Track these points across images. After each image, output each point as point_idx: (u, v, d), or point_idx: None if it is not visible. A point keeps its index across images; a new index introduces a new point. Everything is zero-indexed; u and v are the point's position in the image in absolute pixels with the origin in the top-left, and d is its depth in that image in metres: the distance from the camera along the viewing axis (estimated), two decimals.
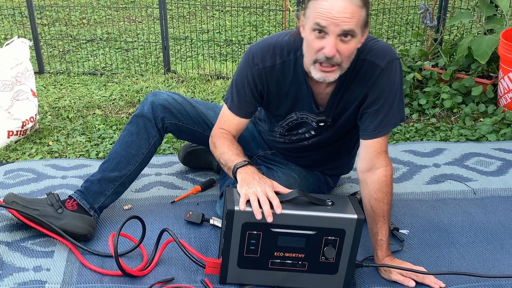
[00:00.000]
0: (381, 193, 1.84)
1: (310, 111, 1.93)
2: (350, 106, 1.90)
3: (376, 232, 1.85)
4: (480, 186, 2.40)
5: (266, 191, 1.68)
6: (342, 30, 1.63)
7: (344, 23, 1.62)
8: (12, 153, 2.81)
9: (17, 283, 1.79)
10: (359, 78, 1.83)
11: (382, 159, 1.86)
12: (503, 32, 3.19)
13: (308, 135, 2.03)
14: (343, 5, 1.60)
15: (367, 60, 1.80)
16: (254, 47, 1.88)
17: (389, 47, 1.84)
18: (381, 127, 1.84)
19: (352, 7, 1.61)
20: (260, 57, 1.86)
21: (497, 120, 3.02)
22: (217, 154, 1.91)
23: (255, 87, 1.90)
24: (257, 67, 1.86)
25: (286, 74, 1.87)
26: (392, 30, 5.03)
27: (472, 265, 1.94)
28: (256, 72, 1.87)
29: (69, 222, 1.96)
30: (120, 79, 3.97)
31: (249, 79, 1.89)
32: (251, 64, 1.87)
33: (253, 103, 1.94)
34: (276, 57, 1.85)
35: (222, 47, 4.71)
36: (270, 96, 1.93)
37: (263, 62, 1.86)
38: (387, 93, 1.82)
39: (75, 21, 5.48)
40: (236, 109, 1.94)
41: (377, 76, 1.80)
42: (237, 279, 1.79)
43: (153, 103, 2.07)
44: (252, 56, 1.87)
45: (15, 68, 2.89)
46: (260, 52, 1.86)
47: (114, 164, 2.06)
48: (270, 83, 1.89)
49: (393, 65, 1.81)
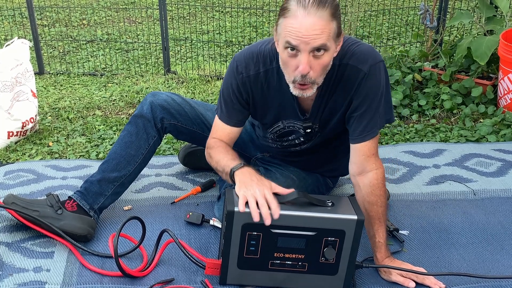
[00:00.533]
0: (374, 196, 1.85)
1: (296, 118, 1.94)
2: (336, 111, 1.90)
3: (373, 235, 1.85)
4: (480, 187, 2.40)
5: (264, 193, 1.67)
6: (313, 47, 1.63)
7: (314, 40, 1.62)
8: (12, 154, 2.81)
9: (17, 284, 1.79)
10: (343, 83, 1.83)
11: (372, 162, 1.86)
12: (503, 33, 3.19)
13: (298, 142, 2.04)
14: (311, 22, 1.60)
15: (350, 64, 1.80)
16: (238, 56, 1.90)
17: (372, 50, 1.83)
18: (367, 131, 1.84)
19: (321, 22, 1.61)
20: (244, 65, 1.87)
21: (497, 121, 3.03)
22: (213, 164, 1.93)
23: (241, 96, 1.91)
24: (241, 76, 1.88)
25: (270, 82, 1.88)
26: (392, 31, 5.03)
27: (472, 266, 1.94)
28: (241, 81, 1.89)
29: (68, 223, 1.96)
30: (120, 79, 3.97)
31: (233, 88, 1.91)
32: (235, 73, 1.89)
33: (241, 111, 1.95)
34: (259, 65, 1.87)
35: (222, 48, 4.71)
36: (255, 104, 1.94)
37: (247, 71, 1.87)
38: (371, 97, 1.82)
39: (75, 22, 5.48)
40: (226, 118, 1.96)
41: (361, 81, 1.80)
42: (237, 280, 1.79)
43: (152, 104, 2.08)
44: (236, 65, 1.89)
45: (15, 69, 2.89)
46: (244, 61, 1.88)
47: (114, 165, 2.06)
48: (254, 92, 1.90)
49: (376, 68, 1.80)
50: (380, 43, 4.49)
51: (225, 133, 1.97)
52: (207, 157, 1.97)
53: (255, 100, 1.93)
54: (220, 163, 1.87)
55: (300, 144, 2.06)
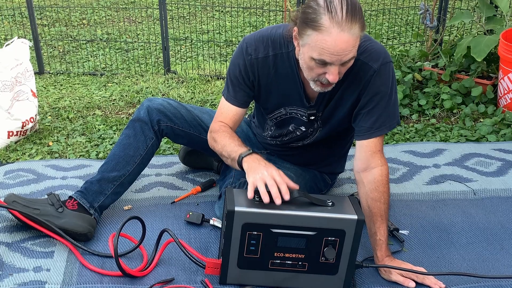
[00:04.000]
0: (377, 192, 1.85)
1: (300, 105, 1.95)
2: (342, 105, 1.91)
3: (375, 232, 1.85)
4: (480, 187, 2.40)
5: (273, 174, 1.68)
6: (344, 61, 1.66)
7: (347, 56, 1.64)
8: (12, 154, 2.81)
9: (17, 284, 1.79)
10: (352, 77, 1.84)
11: (378, 158, 1.87)
12: (503, 33, 3.19)
13: (299, 133, 2.04)
14: (345, 40, 1.61)
15: (361, 60, 1.81)
16: (248, 37, 1.91)
17: (384, 50, 1.85)
18: (375, 128, 1.86)
19: (354, 39, 1.62)
20: (254, 47, 1.89)
21: (497, 121, 3.03)
22: (218, 148, 1.92)
23: (247, 77, 1.93)
24: (250, 57, 1.89)
25: (279, 66, 1.89)
26: (392, 30, 5.03)
27: (472, 266, 1.94)
28: (249, 62, 1.90)
29: (69, 221, 1.97)
30: (120, 79, 3.97)
31: (241, 68, 1.92)
32: (244, 54, 1.90)
33: (247, 92, 1.96)
34: (269, 49, 1.88)
35: (222, 48, 4.71)
36: (260, 87, 1.95)
37: (256, 53, 1.89)
38: (380, 95, 1.84)
39: (75, 22, 5.48)
40: (232, 98, 1.97)
41: (370, 78, 1.82)
42: (237, 279, 1.79)
43: (149, 107, 2.11)
44: (246, 46, 1.90)
45: (15, 69, 2.89)
46: (254, 43, 1.89)
47: (113, 165, 2.08)
48: (261, 74, 1.91)
49: (386, 68, 1.83)
50: (380, 42, 4.49)
51: (230, 114, 1.98)
52: (210, 140, 1.97)
53: (260, 83, 1.94)
54: (226, 148, 1.87)
55: (300, 138, 2.07)
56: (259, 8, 5.42)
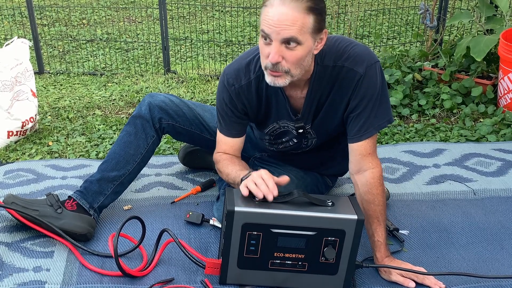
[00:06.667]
0: (370, 194, 1.85)
1: (288, 119, 1.95)
2: (333, 115, 1.91)
3: (372, 234, 1.86)
4: (480, 187, 2.40)
5: (260, 174, 1.72)
6: (283, 38, 1.64)
7: (285, 31, 1.63)
8: (12, 153, 2.81)
9: (17, 284, 1.79)
10: (338, 85, 1.84)
11: (369, 161, 1.87)
12: (503, 33, 3.18)
13: (292, 143, 2.05)
14: (284, 13, 1.61)
15: (346, 67, 1.81)
16: (228, 69, 1.92)
17: (368, 51, 1.84)
18: (363, 131, 1.86)
19: (294, 14, 1.62)
20: (235, 77, 1.89)
21: (497, 121, 3.02)
22: (224, 177, 1.96)
23: (236, 108, 1.93)
24: (234, 87, 1.89)
25: (262, 85, 1.88)
26: (392, 30, 5.03)
27: (472, 266, 1.94)
28: (234, 93, 1.90)
29: (68, 221, 1.96)
30: (120, 79, 3.97)
31: (226, 102, 1.92)
32: (227, 86, 1.90)
33: (240, 122, 1.97)
34: (250, 74, 1.88)
35: (222, 48, 4.71)
36: (253, 110, 1.95)
37: (239, 82, 1.89)
38: (368, 98, 1.83)
39: (75, 22, 5.48)
40: (226, 131, 1.98)
41: (357, 82, 1.82)
42: (237, 279, 1.79)
43: (151, 104, 2.10)
44: (226, 78, 1.91)
45: (15, 69, 2.89)
46: (234, 73, 1.89)
47: (113, 164, 2.07)
48: (249, 100, 1.91)
49: (372, 69, 1.82)
50: (380, 42, 4.49)
51: (228, 145, 2.00)
52: (218, 172, 2.01)
53: (252, 107, 1.94)
54: (230, 176, 1.91)
55: (294, 148, 2.08)
56: (259, 7, 5.41)
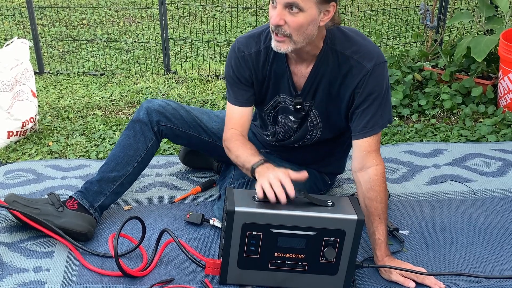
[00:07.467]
0: (373, 192, 1.86)
1: (288, 93, 1.98)
2: (338, 101, 1.93)
3: (373, 232, 1.86)
4: (480, 187, 2.40)
5: (278, 175, 1.71)
6: (285, 2, 1.69)
7: None
8: (12, 154, 2.81)
9: (17, 284, 1.79)
10: (344, 75, 1.87)
11: (373, 158, 1.88)
12: (503, 33, 3.19)
13: (291, 124, 2.06)
14: None
15: (354, 59, 1.84)
16: (240, 37, 1.98)
17: (378, 50, 1.88)
18: (368, 127, 1.88)
19: None
20: (245, 44, 1.95)
21: (497, 121, 3.03)
22: (232, 157, 1.97)
23: (242, 74, 1.97)
24: (243, 54, 1.95)
25: (270, 56, 1.93)
26: (392, 30, 5.03)
27: (472, 266, 1.94)
28: (243, 59, 1.95)
29: (69, 220, 1.97)
30: (120, 79, 3.97)
31: (233, 68, 1.97)
32: (237, 52, 1.96)
33: (246, 90, 2.00)
34: (260, 44, 1.93)
35: (222, 48, 4.71)
36: (258, 80, 1.98)
37: (249, 49, 1.94)
38: (375, 95, 1.86)
39: (75, 22, 5.48)
40: (234, 99, 2.00)
41: (364, 77, 1.84)
42: (237, 279, 1.79)
43: (148, 109, 2.13)
44: (237, 45, 1.96)
45: (15, 69, 2.89)
46: (245, 41, 1.96)
47: (113, 165, 2.09)
48: (256, 69, 1.95)
49: (380, 68, 1.85)
50: (380, 42, 4.49)
51: (237, 117, 2.01)
52: (226, 150, 2.01)
53: (258, 76, 1.97)
54: (240, 158, 1.91)
55: (299, 137, 2.08)
56: (259, 8, 5.42)
